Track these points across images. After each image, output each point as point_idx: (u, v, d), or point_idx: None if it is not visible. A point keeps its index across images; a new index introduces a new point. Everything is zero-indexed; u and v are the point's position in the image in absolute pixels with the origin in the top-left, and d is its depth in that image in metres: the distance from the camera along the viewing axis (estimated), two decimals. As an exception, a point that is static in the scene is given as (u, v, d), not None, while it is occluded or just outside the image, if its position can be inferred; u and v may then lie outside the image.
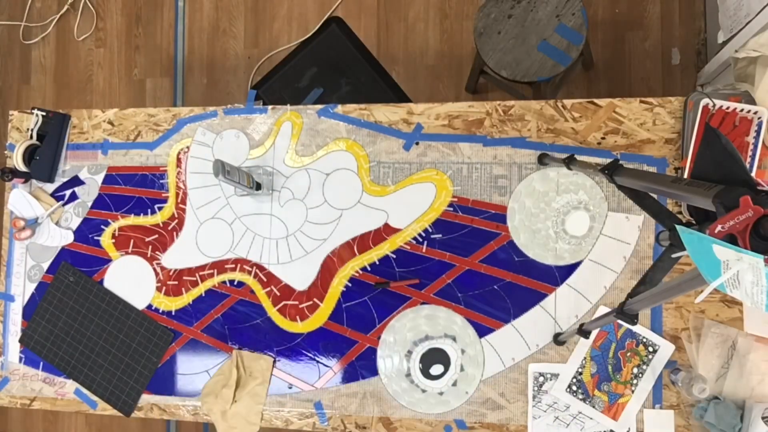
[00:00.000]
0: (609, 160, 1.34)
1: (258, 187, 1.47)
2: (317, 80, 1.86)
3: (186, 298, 1.53)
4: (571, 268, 1.36)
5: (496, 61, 1.64)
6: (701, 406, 1.24)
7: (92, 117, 1.65)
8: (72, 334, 1.56)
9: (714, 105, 1.19)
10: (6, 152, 1.68)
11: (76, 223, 1.61)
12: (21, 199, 1.61)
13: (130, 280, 1.56)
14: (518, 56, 1.63)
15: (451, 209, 1.42)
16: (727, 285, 0.59)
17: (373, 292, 1.43)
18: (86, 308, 1.56)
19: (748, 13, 1.70)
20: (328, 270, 1.47)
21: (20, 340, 1.60)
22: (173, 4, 2.69)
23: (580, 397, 1.32)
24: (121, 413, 1.51)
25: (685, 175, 1.28)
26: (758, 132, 1.21)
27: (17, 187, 1.63)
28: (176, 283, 1.54)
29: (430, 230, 1.42)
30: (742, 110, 1.22)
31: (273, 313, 1.48)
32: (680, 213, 1.31)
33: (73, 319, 1.56)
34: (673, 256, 0.88)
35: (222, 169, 1.29)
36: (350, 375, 1.43)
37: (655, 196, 0.91)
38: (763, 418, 1.20)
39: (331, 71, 1.87)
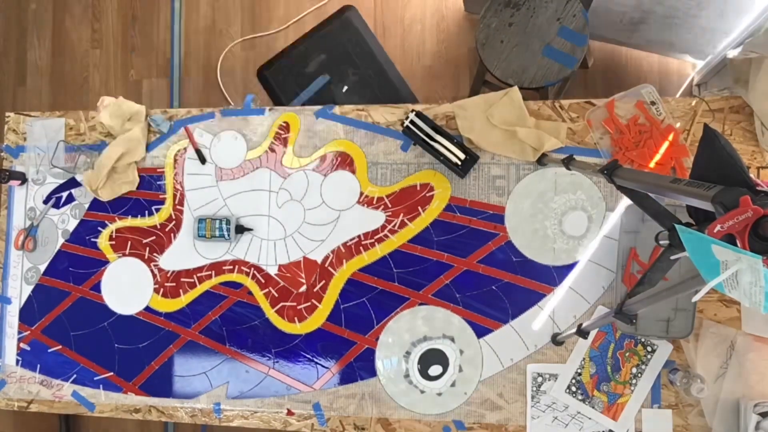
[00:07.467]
0: (606, 160, 1.34)
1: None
2: (325, 67, 1.84)
3: (184, 300, 1.53)
4: (569, 268, 1.36)
5: (501, 70, 1.63)
6: None
7: (89, 118, 1.64)
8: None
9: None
10: (2, 154, 1.67)
11: (73, 224, 1.60)
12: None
13: (127, 282, 1.56)
14: (523, 63, 1.63)
15: (449, 210, 1.42)
16: (725, 285, 0.59)
17: (371, 293, 1.43)
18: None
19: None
20: (326, 271, 1.46)
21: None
22: (169, 4, 2.68)
23: (580, 397, 1.32)
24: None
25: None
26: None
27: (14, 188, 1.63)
28: (174, 284, 1.54)
29: (429, 231, 1.42)
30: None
31: (271, 314, 1.48)
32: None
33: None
34: (672, 257, 0.88)
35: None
36: (349, 376, 1.43)
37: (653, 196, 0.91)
38: (759, 413, 1.20)
39: (340, 60, 1.85)
